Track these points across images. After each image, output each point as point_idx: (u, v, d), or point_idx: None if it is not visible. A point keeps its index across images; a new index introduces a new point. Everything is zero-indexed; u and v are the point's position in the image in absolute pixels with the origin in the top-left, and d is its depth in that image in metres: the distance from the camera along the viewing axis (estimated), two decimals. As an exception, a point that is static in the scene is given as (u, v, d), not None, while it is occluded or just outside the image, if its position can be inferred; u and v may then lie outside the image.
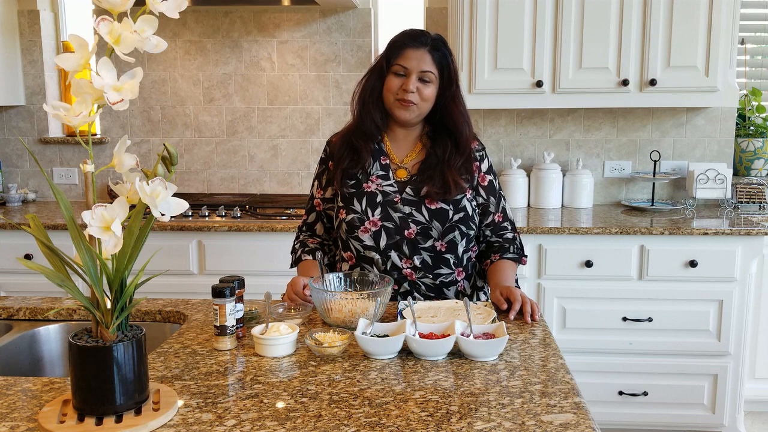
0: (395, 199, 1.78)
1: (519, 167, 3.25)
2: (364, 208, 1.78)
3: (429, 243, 1.77)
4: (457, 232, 1.77)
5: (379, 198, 1.79)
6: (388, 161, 1.83)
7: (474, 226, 1.83)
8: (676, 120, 3.25)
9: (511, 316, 1.60)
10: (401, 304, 1.65)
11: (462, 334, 1.40)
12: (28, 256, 2.83)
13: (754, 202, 3.15)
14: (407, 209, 1.77)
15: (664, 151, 3.26)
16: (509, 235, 1.88)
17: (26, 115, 3.50)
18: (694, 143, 3.26)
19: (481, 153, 1.87)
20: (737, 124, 3.28)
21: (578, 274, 2.74)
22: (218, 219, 2.91)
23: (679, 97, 2.92)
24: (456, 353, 1.38)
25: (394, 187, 1.80)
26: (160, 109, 3.45)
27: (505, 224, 1.89)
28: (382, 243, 1.77)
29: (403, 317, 1.54)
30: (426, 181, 1.77)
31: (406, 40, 1.75)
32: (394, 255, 1.77)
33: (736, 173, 3.29)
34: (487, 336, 1.41)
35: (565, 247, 2.74)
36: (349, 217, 1.79)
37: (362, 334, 1.40)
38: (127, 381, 1.07)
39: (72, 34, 1.04)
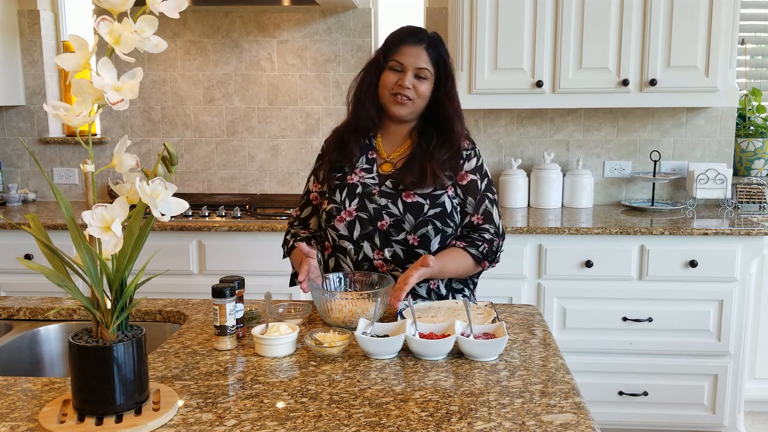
0: (373, 191, 1.78)
1: (519, 167, 3.25)
2: (342, 199, 1.79)
3: (401, 236, 1.76)
4: (430, 227, 1.75)
5: (359, 189, 1.79)
6: (375, 155, 1.84)
7: (452, 224, 1.79)
8: (676, 120, 3.25)
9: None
10: (401, 304, 1.65)
11: (462, 334, 1.40)
12: (28, 256, 2.83)
13: (754, 202, 3.15)
14: (383, 201, 1.77)
15: (664, 151, 3.26)
16: (487, 236, 1.80)
17: (26, 115, 3.49)
18: (694, 143, 3.26)
19: (468, 152, 1.83)
20: (737, 124, 3.28)
21: (578, 274, 2.74)
22: (218, 219, 2.91)
23: (679, 97, 2.92)
24: (456, 353, 1.38)
25: (375, 179, 1.81)
26: (160, 109, 3.45)
27: (486, 226, 1.81)
28: (356, 233, 1.77)
29: (403, 317, 1.54)
30: (406, 173, 1.77)
31: (403, 36, 1.76)
32: (366, 246, 1.77)
33: (736, 173, 3.29)
34: (487, 336, 1.41)
35: (565, 247, 2.74)
36: (329, 206, 1.80)
37: (362, 334, 1.40)
38: (127, 381, 1.07)
39: (72, 34, 1.04)
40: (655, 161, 3.16)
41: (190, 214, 2.98)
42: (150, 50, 1.03)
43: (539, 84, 2.88)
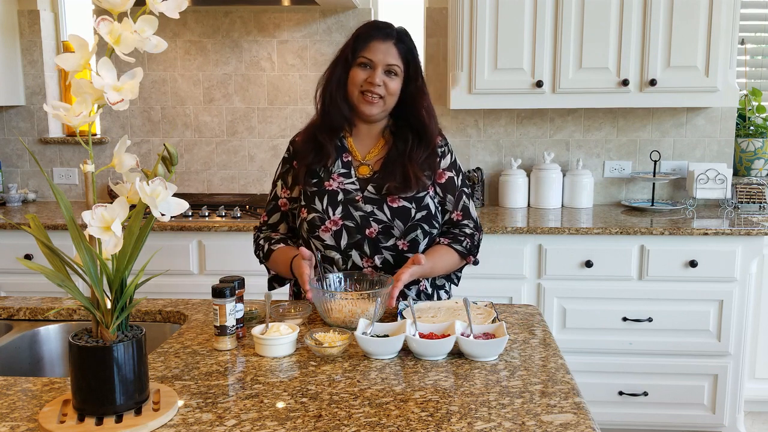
0: (356, 198, 1.74)
1: (519, 167, 3.25)
2: (325, 207, 1.74)
3: (391, 242, 1.73)
4: (419, 231, 1.74)
5: (341, 196, 1.74)
6: (350, 158, 1.79)
7: (437, 225, 1.79)
8: (676, 120, 3.25)
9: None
10: (401, 304, 1.65)
11: (462, 334, 1.40)
12: (28, 256, 2.83)
13: (754, 202, 3.15)
14: (369, 207, 1.73)
15: (664, 151, 3.26)
16: (467, 230, 1.82)
17: (26, 115, 3.50)
18: (694, 143, 3.27)
19: (443, 149, 1.81)
20: (737, 124, 3.28)
21: (578, 274, 2.74)
22: (218, 219, 2.91)
23: (679, 97, 2.92)
24: (456, 353, 1.38)
25: (355, 185, 1.76)
26: (160, 109, 3.45)
27: (465, 222, 1.82)
28: (343, 242, 1.73)
29: (403, 317, 1.54)
30: (388, 176, 1.74)
31: (372, 32, 1.72)
32: (355, 254, 1.73)
33: (736, 173, 3.29)
34: (487, 336, 1.41)
35: (565, 247, 2.73)
36: (310, 216, 1.75)
37: (362, 334, 1.40)
38: (127, 381, 1.07)
39: (72, 34, 1.04)
40: (655, 161, 3.16)
41: (190, 214, 2.98)
42: (150, 50, 1.03)
43: (539, 84, 2.88)
